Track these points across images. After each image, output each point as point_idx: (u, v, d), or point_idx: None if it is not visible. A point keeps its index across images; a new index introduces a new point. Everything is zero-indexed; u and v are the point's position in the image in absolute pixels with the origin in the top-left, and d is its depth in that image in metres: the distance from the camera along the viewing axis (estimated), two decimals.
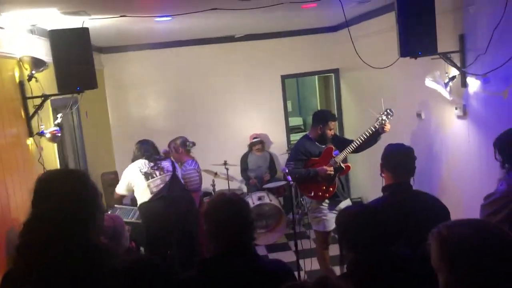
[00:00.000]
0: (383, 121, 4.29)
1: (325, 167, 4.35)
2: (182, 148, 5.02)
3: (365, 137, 4.30)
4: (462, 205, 3.90)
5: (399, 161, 2.72)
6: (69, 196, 1.56)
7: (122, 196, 4.56)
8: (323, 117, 4.51)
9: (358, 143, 4.33)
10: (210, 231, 1.98)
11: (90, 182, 1.68)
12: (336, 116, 4.71)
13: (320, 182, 4.38)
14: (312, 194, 4.44)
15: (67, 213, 1.49)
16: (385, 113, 4.30)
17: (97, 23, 4.16)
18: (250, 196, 6.16)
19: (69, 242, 1.43)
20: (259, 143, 6.90)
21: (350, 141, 4.45)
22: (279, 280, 1.64)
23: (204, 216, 2.02)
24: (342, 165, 4.42)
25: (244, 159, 6.97)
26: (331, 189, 4.43)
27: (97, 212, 1.63)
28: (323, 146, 4.48)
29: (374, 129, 4.30)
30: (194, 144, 5.14)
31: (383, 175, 2.78)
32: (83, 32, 3.63)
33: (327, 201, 4.47)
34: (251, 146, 6.96)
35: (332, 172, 4.35)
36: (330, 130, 4.46)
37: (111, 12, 3.90)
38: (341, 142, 4.56)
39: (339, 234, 2.14)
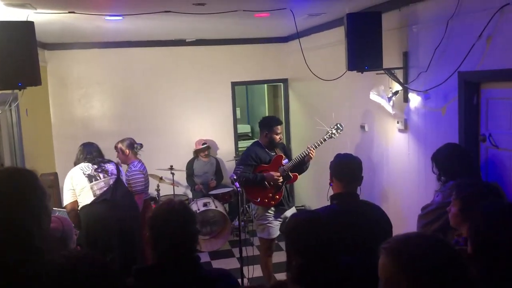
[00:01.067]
0: (333, 135, 4.42)
1: (272, 172, 4.41)
2: (129, 149, 4.90)
3: (315, 148, 4.40)
4: (401, 214, 4.07)
5: (348, 170, 2.79)
6: (13, 196, 1.48)
7: (74, 204, 4.24)
8: (267, 123, 4.60)
9: (306, 154, 4.42)
10: (152, 239, 1.95)
11: (38, 182, 1.60)
12: (283, 122, 4.82)
13: (267, 188, 4.43)
14: (258, 200, 4.48)
15: (11, 214, 1.42)
16: (335, 127, 4.42)
17: (42, 17, 4.00)
18: (196, 202, 6.11)
19: (11, 245, 1.36)
20: (206, 149, 6.88)
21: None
22: None
23: (148, 222, 1.98)
24: (290, 174, 4.49)
25: (190, 165, 6.90)
26: (277, 196, 4.48)
27: (43, 215, 1.56)
28: (273, 154, 4.54)
29: (323, 141, 4.43)
30: (141, 146, 5.04)
31: (332, 184, 2.85)
32: (28, 26, 3.47)
33: (273, 208, 4.52)
34: (197, 152, 6.91)
35: (281, 179, 4.42)
36: (277, 134, 4.53)
37: (59, 7, 3.77)
38: (287, 155, 4.67)
39: (288, 239, 2.16)
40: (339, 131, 4.44)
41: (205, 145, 6.85)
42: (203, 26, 5.35)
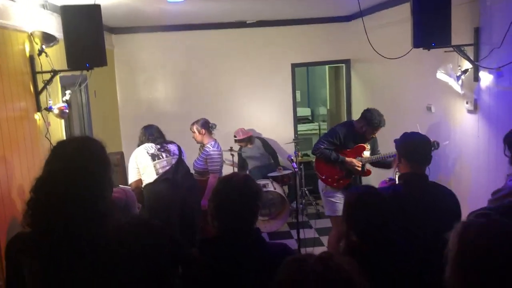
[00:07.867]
0: None
1: (354, 160, 4.34)
2: (204, 129, 5.02)
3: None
4: (468, 199, 3.87)
5: (416, 149, 2.66)
6: (84, 162, 1.56)
7: (138, 182, 4.45)
8: (373, 121, 4.26)
9: (390, 156, 4.28)
10: (216, 208, 1.96)
11: (105, 153, 1.67)
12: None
13: (337, 170, 4.37)
14: (324, 177, 4.44)
15: (80, 177, 1.50)
16: (432, 144, 4.19)
17: (109, 1, 4.13)
18: None
19: (79, 202, 1.45)
20: (243, 141, 6.69)
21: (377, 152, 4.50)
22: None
23: (214, 193, 1.99)
24: (365, 167, 4.42)
25: (240, 158, 6.79)
26: (341, 181, 4.42)
27: (107, 184, 1.61)
28: (358, 142, 4.44)
29: None
30: (215, 125, 5.14)
31: (399, 164, 2.74)
32: (95, 8, 3.61)
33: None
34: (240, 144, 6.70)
35: (360, 169, 4.35)
36: (373, 134, 4.38)
37: None
38: (374, 149, 4.54)
39: (344, 212, 2.12)
40: (433, 148, 4.18)
41: (236, 138, 6.66)
42: (264, 6, 5.31)
